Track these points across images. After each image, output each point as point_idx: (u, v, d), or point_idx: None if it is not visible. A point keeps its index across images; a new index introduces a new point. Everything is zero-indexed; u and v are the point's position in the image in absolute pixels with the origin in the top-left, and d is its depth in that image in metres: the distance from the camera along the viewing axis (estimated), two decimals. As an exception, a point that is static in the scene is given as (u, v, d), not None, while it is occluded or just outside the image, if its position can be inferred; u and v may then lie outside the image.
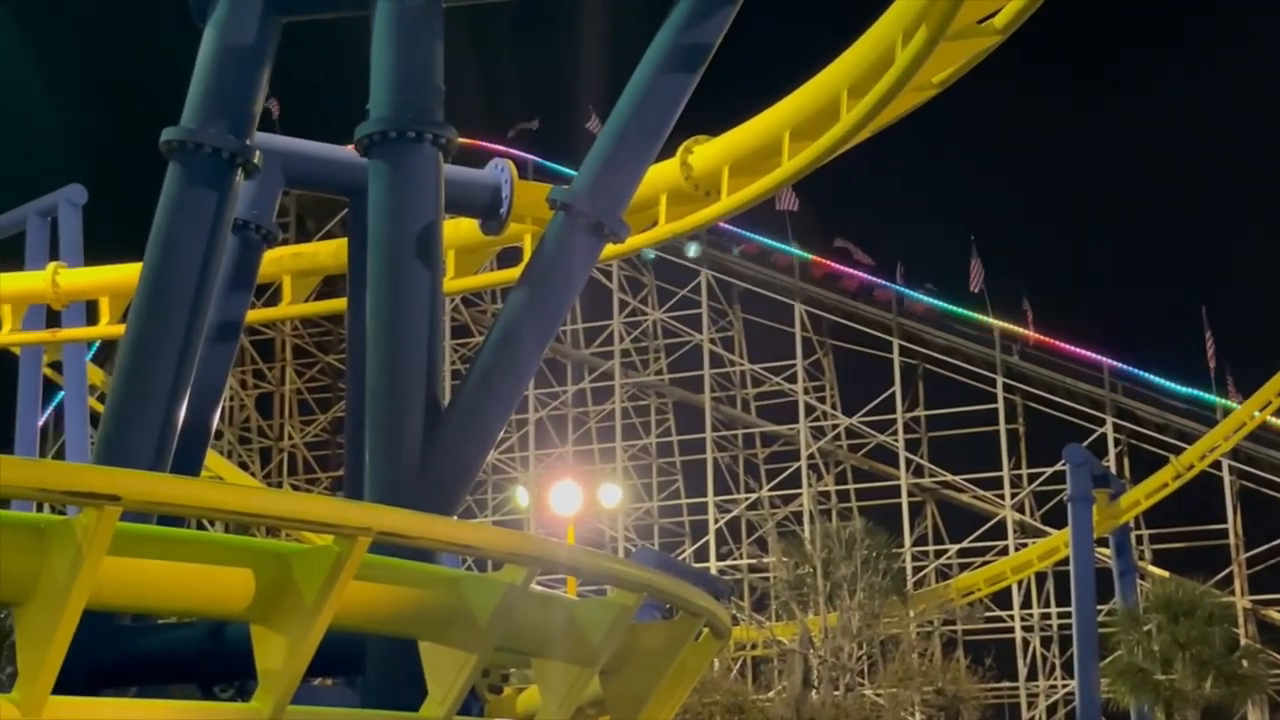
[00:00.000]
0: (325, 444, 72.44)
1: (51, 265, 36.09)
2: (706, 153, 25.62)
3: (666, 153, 22.90)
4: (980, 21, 19.72)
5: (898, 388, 61.52)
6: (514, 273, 32.53)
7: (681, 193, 25.99)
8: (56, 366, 45.62)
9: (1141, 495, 50.50)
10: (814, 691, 44.47)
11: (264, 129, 20.89)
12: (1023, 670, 59.65)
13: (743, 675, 52.19)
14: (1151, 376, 59.80)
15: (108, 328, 34.21)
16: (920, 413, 62.51)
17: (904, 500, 60.57)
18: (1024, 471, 60.66)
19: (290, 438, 73.05)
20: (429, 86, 18.20)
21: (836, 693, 44.19)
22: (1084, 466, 48.04)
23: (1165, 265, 69.02)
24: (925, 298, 61.76)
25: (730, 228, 60.41)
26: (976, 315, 60.85)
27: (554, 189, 18.98)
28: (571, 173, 24.23)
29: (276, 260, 29.41)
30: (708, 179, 25.58)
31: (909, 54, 19.66)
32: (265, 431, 73.26)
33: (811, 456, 62.23)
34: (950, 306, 61.26)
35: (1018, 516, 60.34)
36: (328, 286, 37.52)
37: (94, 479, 10.93)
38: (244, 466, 68.66)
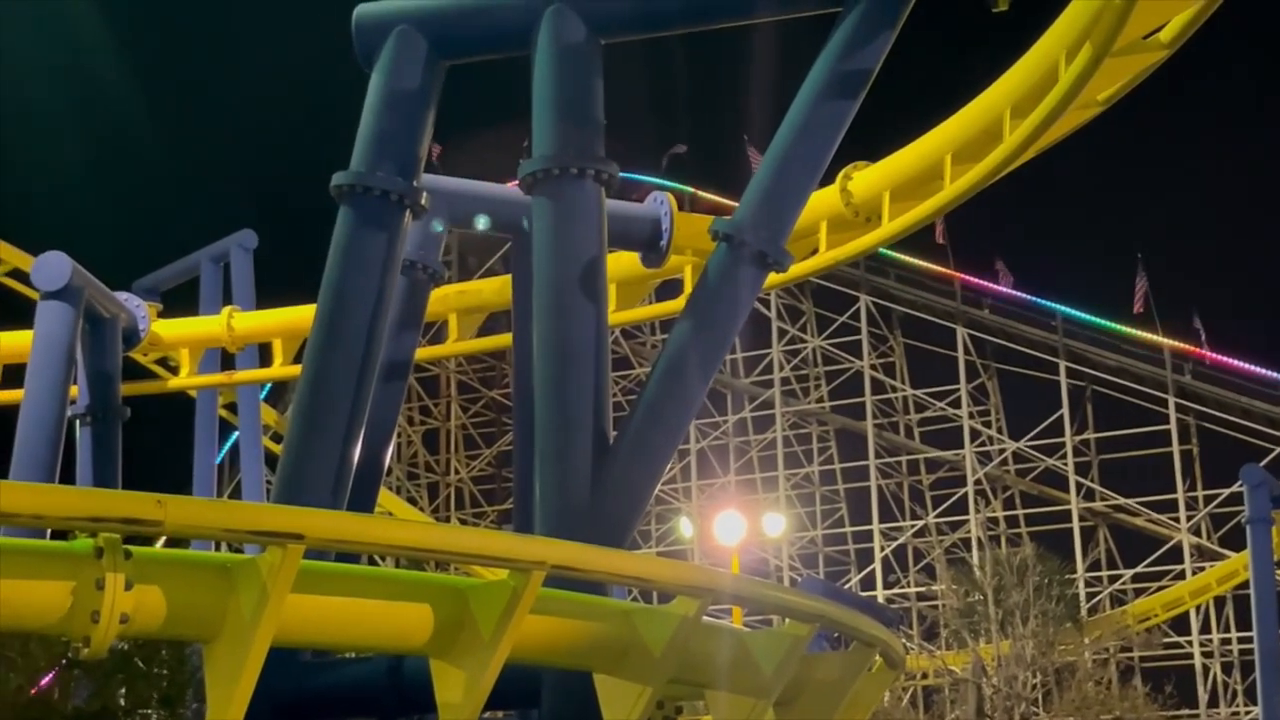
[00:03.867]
0: (491, 478, 73.17)
1: (226, 309, 37.02)
2: (866, 178, 25.46)
3: (825, 179, 22.79)
4: (1145, 37, 19.34)
5: (1065, 410, 60.33)
6: (674, 305, 32.69)
7: (842, 219, 25.85)
8: (230, 407, 46.71)
9: (1324, 515, 48.77)
10: (988, 721, 43.71)
11: (425, 171, 21.27)
12: (1203, 697, 57.97)
13: (914, 705, 51.47)
14: (1331, 393, 57.84)
15: (281, 369, 35.07)
16: (1090, 435, 61.22)
17: (1075, 525, 59.32)
18: (1199, 493, 59.07)
19: (456, 472, 73.93)
20: (590, 123, 18.39)
21: (1011, 722, 43.37)
22: (1262, 487, 46.51)
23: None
24: (1092, 318, 60.56)
25: (890, 253, 59.87)
26: (1145, 335, 59.50)
27: (715, 220, 19.02)
28: (724, 200, 24.28)
29: (442, 298, 29.91)
30: (868, 205, 25.41)
31: (1073, 72, 19.34)
32: (432, 467, 74.23)
33: (978, 482, 61.28)
34: (1116, 326, 59.99)
35: (1194, 540, 58.78)
36: (490, 322, 37.98)
37: (278, 518, 11.19)
38: (412, 501, 69.61)
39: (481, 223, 24.81)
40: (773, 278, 20.66)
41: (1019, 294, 61.74)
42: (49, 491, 12.74)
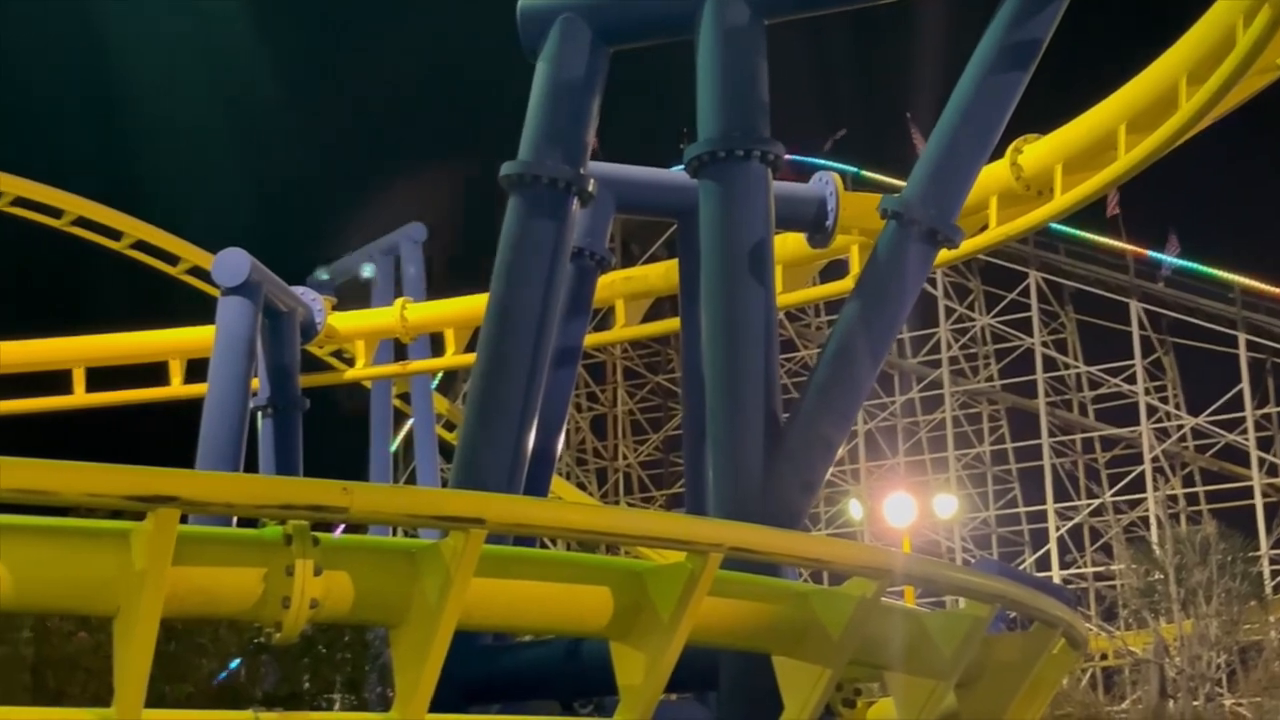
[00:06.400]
0: (658, 463, 73.46)
1: (399, 301, 37.71)
2: (1037, 151, 25.02)
3: (994, 153, 22.45)
4: (1328, -4, 18.70)
5: (1245, 384, 58.69)
6: (838, 286, 32.49)
7: (1012, 194, 25.45)
8: (403, 397, 47.58)
9: None
10: (1171, 702, 42.73)
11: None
12: (1398, 677, 56.06)
13: (1093, 687, 50.51)
14: None
15: (453, 358, 35.58)
16: (1271, 409, 59.46)
17: (1258, 501, 57.71)
18: (1389, 468, 57.13)
19: (624, 457, 74.37)
20: (755, 104, 18.33)
21: (1196, 703, 42.34)
22: None
23: None
24: (1272, 289, 58.77)
25: (1060, 227, 58.73)
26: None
27: (884, 198, 18.85)
28: (887, 180, 24.04)
29: (609, 285, 30.12)
30: (1039, 178, 24.97)
31: (1251, 36, 18.80)
32: (600, 452, 74.74)
33: (1156, 459, 59.90)
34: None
35: (1386, 515, 56.83)
36: (655, 307, 38.10)
37: (460, 504, 11.34)
38: (581, 487, 70.15)
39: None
40: (943, 255, 20.42)
41: (1194, 265, 60.23)
42: (239, 480, 13.07)
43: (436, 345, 38.57)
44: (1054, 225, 54.16)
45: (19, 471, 9.51)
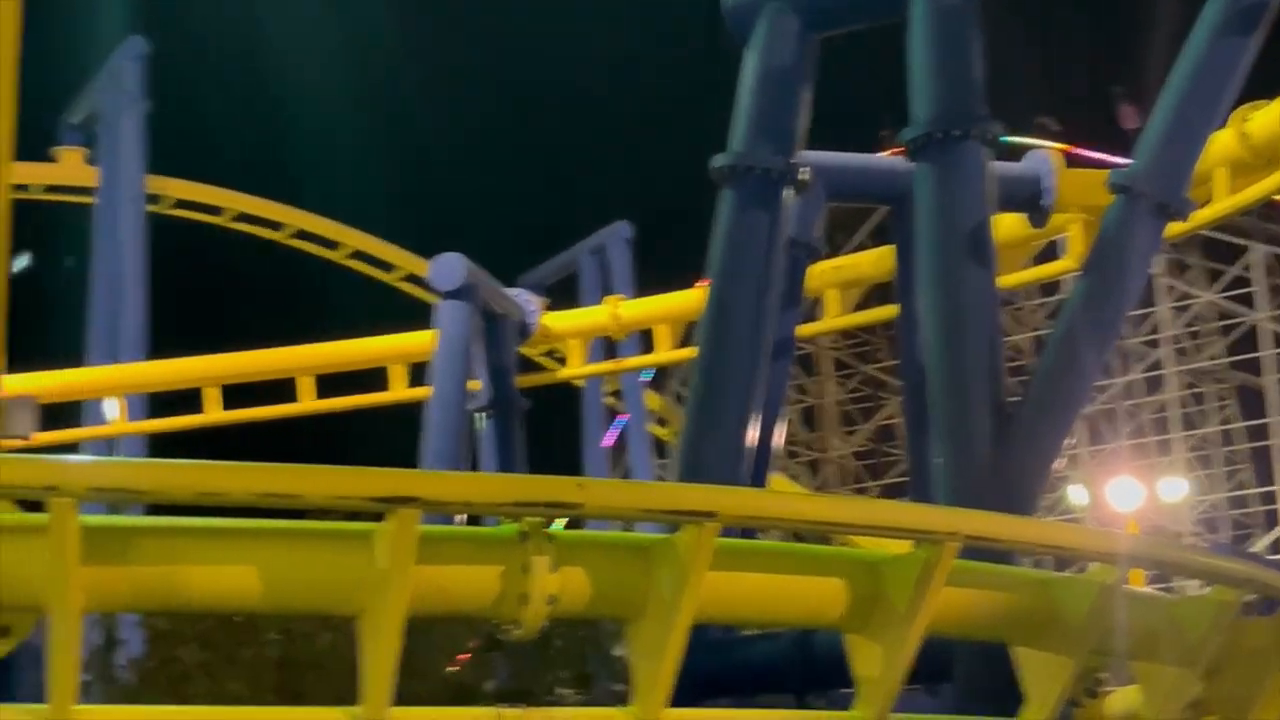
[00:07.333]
0: (871, 453, 72.75)
1: (611, 299, 37.96)
2: (1267, 118, 24.11)
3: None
4: None
5: None
6: (1055, 267, 31.80)
7: (1241, 163, 24.54)
8: (613, 394, 47.93)
9: None
10: None
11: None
12: None
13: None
14: None
15: (666, 354, 35.71)
16: None
17: None
18: None
19: (836, 449, 73.86)
20: (970, 83, 18.02)
21: None
22: None
23: None
24: None
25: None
26: None
27: (1112, 172, 18.38)
28: (1099, 156, 23.39)
29: (819, 274, 29.85)
30: (1270, 146, 24.05)
31: None
32: (811, 444, 74.37)
33: (1394, 435, 57.40)
34: None
35: None
36: (860, 297, 37.71)
37: (692, 497, 11.33)
38: (794, 479, 69.86)
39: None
40: (1171, 228, 19.79)
41: None
42: (477, 480, 13.29)
43: (646, 342, 38.77)
44: None
45: (266, 476, 9.75)
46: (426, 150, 62.82)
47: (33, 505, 9.36)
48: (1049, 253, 34.44)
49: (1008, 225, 26.93)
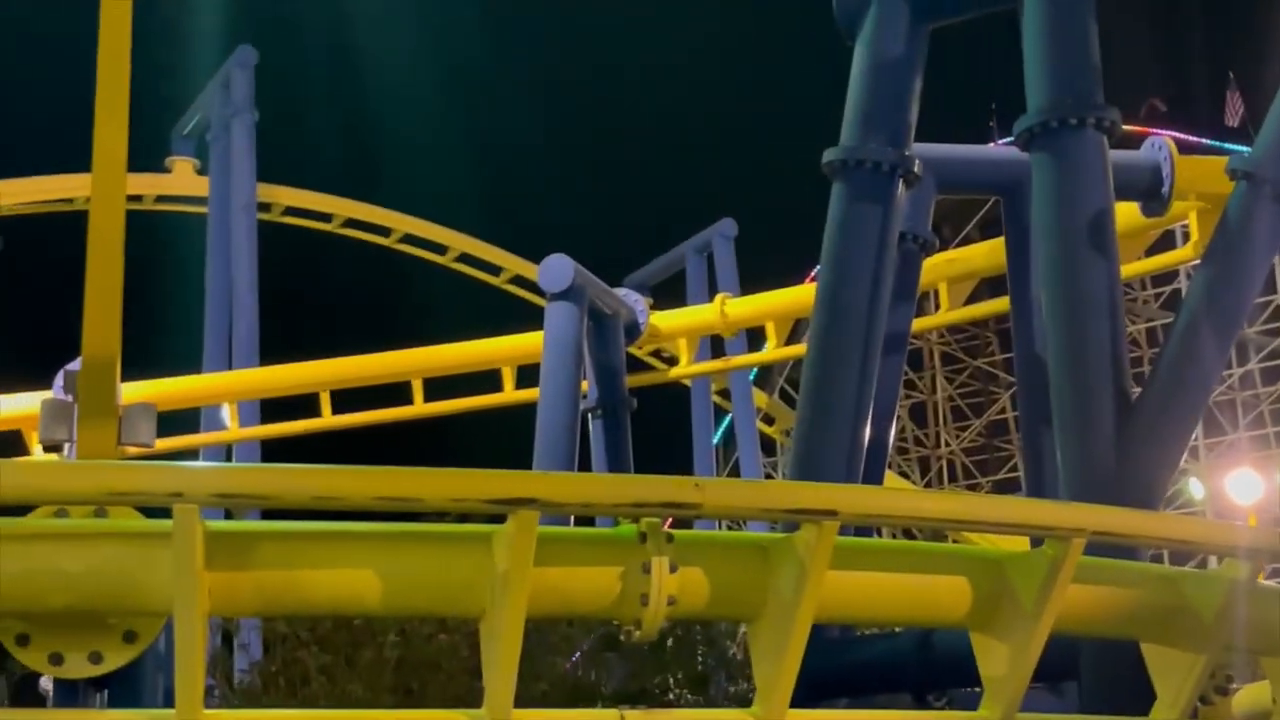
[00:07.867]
0: (982, 449, 71.97)
1: (719, 297, 37.78)
2: (1391, 99, 23.35)
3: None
4: None
5: None
6: (1172, 256, 31.18)
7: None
8: (721, 393, 47.76)
9: None
10: None
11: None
12: None
13: None
14: None
15: (775, 351, 35.49)
16: None
17: None
18: None
19: (947, 444, 73.15)
20: (1087, 69, 17.69)
21: None
22: None
23: None
24: None
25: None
26: None
27: (1233, 158, 17.94)
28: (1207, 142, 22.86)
29: (931, 268, 29.46)
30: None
31: None
32: (921, 440, 73.69)
33: None
34: None
35: None
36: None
37: (811, 496, 11.12)
38: (904, 475, 69.28)
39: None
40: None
41: None
42: (595, 481, 13.20)
43: (754, 339, 38.58)
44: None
45: (387, 479, 9.72)
46: (526, 153, 63.09)
47: (151, 511, 9.43)
48: (1169, 241, 33.87)
49: (1122, 215, 26.42)
